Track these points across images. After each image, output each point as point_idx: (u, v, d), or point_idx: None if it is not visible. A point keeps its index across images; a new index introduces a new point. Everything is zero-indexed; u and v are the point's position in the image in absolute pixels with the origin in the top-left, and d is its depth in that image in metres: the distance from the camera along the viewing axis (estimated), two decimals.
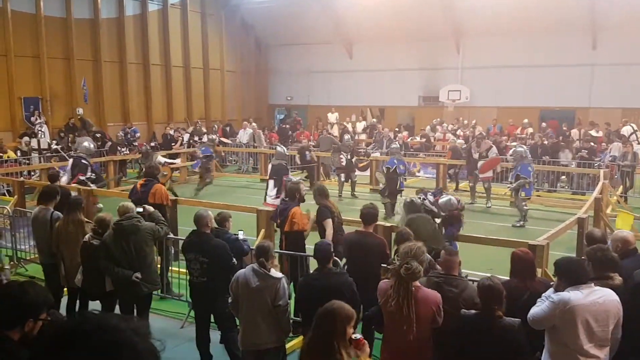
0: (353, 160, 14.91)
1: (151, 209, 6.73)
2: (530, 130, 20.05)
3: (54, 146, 16.72)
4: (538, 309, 3.93)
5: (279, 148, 12.51)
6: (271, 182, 10.95)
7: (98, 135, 17.59)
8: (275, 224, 7.21)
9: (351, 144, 15.28)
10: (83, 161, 11.06)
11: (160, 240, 6.48)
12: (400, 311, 3.98)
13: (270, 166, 11.06)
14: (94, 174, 11.24)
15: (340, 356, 3.14)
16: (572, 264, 4.02)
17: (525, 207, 11.49)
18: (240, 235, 6.11)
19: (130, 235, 5.70)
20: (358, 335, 3.28)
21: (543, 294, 4.01)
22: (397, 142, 15.35)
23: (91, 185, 10.44)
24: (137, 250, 5.69)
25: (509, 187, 12.37)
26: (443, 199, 6.82)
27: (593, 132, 18.44)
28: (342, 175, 14.70)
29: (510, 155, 13.42)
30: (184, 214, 8.32)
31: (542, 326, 3.94)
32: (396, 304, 4.01)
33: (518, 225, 11.40)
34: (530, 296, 4.29)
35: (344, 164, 14.62)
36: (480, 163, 13.32)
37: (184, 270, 6.49)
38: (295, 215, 6.59)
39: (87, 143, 12.08)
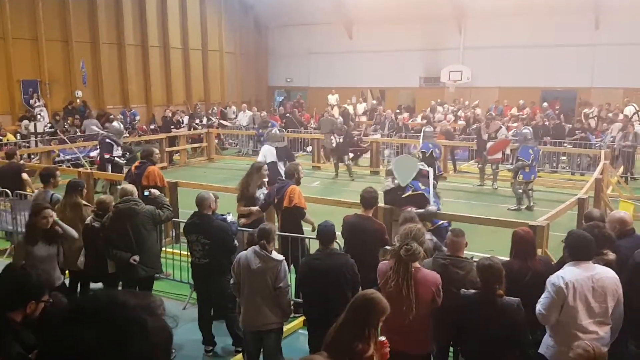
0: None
1: (157, 192, 6.75)
2: (528, 110, 19.95)
3: (47, 129, 16.59)
4: (543, 301, 3.94)
5: (275, 130, 12.56)
6: (282, 164, 10.78)
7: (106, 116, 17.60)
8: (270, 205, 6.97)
9: (345, 128, 15.24)
10: (107, 140, 11.32)
11: (160, 224, 6.48)
12: (399, 292, 4.00)
13: (274, 149, 10.92)
14: (126, 152, 11.56)
15: (367, 346, 3.15)
16: (582, 240, 4.05)
17: (520, 191, 11.19)
18: (229, 218, 6.13)
19: (127, 218, 5.72)
20: (382, 338, 3.30)
21: (542, 296, 4.01)
22: (430, 126, 13.76)
23: (122, 161, 10.97)
24: (134, 233, 5.71)
25: (508, 169, 12.30)
26: None
27: (610, 115, 17.96)
28: (335, 157, 14.91)
29: (514, 137, 13.33)
30: (184, 196, 8.35)
31: (553, 315, 3.91)
32: (396, 285, 4.03)
33: (513, 209, 11.11)
34: (532, 276, 4.32)
35: (333, 146, 14.72)
36: (489, 144, 13.02)
37: (185, 253, 6.53)
38: (294, 191, 6.49)
39: (117, 123, 12.75)
